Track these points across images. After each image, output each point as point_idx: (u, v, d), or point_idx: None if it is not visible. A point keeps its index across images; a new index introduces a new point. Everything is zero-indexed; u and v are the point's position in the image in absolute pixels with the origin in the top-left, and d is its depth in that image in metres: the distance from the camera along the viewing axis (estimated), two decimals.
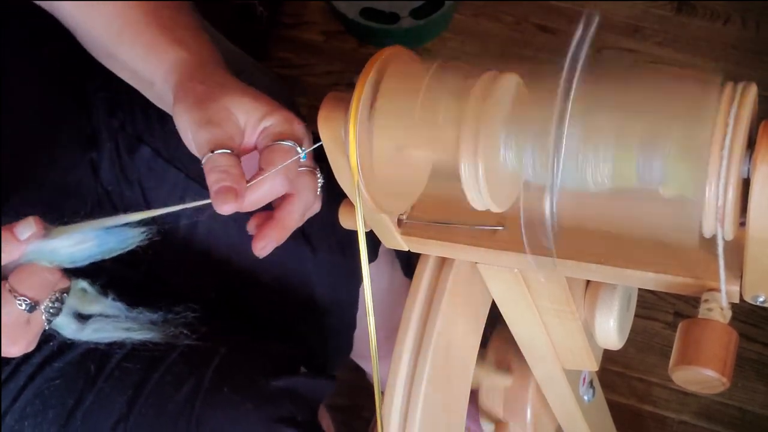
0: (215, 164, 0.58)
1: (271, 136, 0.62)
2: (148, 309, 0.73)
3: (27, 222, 0.58)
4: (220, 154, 0.58)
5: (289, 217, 0.62)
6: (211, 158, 0.58)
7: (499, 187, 0.53)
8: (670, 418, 1.36)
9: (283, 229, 0.62)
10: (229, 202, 0.56)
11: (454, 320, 0.68)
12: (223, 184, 0.57)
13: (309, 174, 0.63)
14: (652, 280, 0.53)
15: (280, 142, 0.61)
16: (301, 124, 0.63)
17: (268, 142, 0.61)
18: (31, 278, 0.58)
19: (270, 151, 0.60)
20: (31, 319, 0.59)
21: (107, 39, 0.71)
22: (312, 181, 0.63)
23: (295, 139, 0.61)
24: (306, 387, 0.82)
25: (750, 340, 1.39)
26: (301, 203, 0.62)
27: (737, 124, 0.44)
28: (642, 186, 0.50)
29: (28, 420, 0.76)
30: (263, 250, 0.61)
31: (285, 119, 0.62)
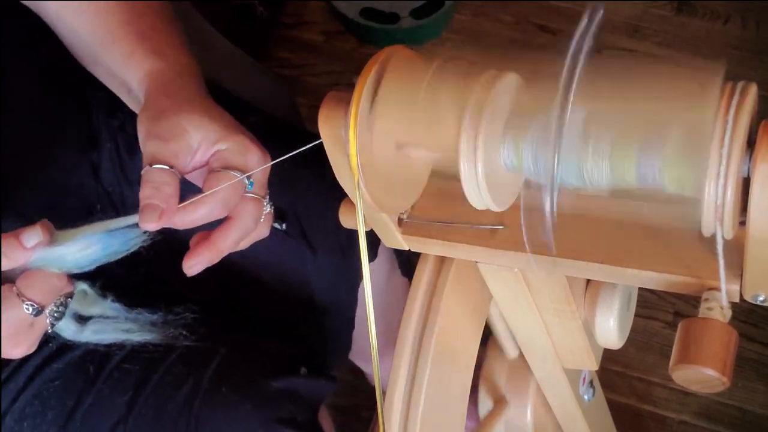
0: (149, 179, 0.59)
1: (221, 161, 0.62)
2: (148, 310, 0.73)
3: (34, 229, 0.58)
4: (158, 169, 0.59)
5: (223, 241, 0.62)
6: (148, 172, 0.59)
7: (499, 186, 0.53)
8: (670, 418, 1.36)
9: (216, 251, 0.62)
10: (153, 220, 0.58)
11: (454, 319, 0.68)
12: (149, 201, 0.58)
13: (253, 201, 0.64)
14: (652, 280, 0.53)
15: (227, 171, 0.61)
16: (256, 151, 0.63)
17: (217, 168, 0.62)
18: (40, 283, 0.58)
19: (214, 177, 0.61)
20: (35, 323, 0.59)
21: (90, 44, 0.72)
22: (255, 209, 0.64)
23: (244, 169, 0.62)
24: (306, 387, 0.82)
25: (750, 340, 1.39)
26: (237, 229, 0.63)
27: (737, 124, 0.44)
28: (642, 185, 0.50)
29: (27, 421, 0.76)
30: (191, 269, 0.62)
31: (240, 147, 0.63)
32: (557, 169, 0.48)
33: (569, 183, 0.52)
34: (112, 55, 0.70)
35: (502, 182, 0.53)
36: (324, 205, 0.86)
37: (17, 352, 0.59)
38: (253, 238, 0.66)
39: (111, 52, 0.70)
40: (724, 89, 0.46)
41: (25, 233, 0.57)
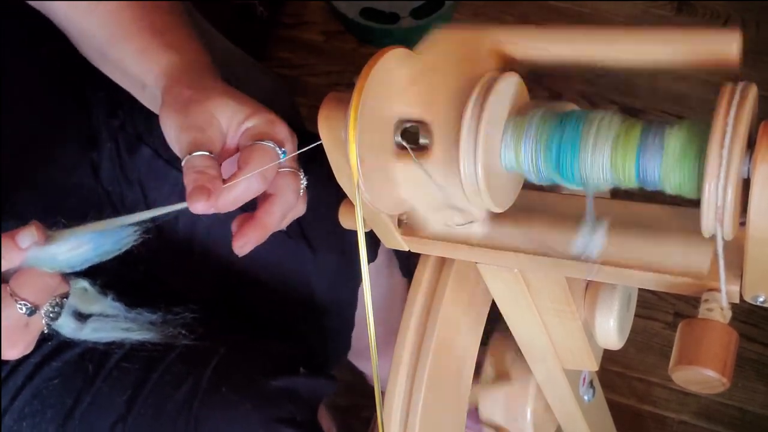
0: (192, 165, 0.59)
1: (251, 136, 0.62)
2: (148, 309, 0.73)
3: (28, 230, 0.58)
4: (198, 155, 0.59)
5: (269, 217, 0.62)
6: (189, 160, 0.59)
7: (499, 187, 0.53)
8: (670, 418, 1.36)
9: (263, 228, 0.62)
10: (201, 200, 0.57)
11: (454, 320, 0.68)
12: (197, 184, 0.58)
13: (291, 175, 0.63)
14: (652, 280, 0.53)
15: (259, 142, 0.61)
16: (284, 125, 0.64)
17: (248, 142, 0.62)
18: (32, 283, 0.58)
19: (248, 151, 0.61)
20: (31, 323, 0.59)
21: (101, 42, 0.72)
22: (294, 182, 0.64)
23: (275, 140, 0.62)
24: (306, 387, 0.82)
25: (750, 340, 1.39)
26: (281, 203, 0.63)
27: (737, 124, 0.44)
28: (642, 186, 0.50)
29: (26, 420, 0.76)
30: (242, 248, 0.61)
31: (266, 120, 0.63)
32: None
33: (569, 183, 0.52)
34: (124, 51, 0.70)
35: (502, 182, 0.53)
36: (324, 205, 0.86)
37: (14, 352, 0.59)
38: (295, 214, 0.66)
39: (124, 49, 0.71)
40: (724, 90, 0.46)
41: (21, 234, 0.57)
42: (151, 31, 0.70)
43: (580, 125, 0.50)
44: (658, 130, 0.48)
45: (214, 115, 0.62)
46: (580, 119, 0.50)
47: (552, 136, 0.50)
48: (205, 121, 0.62)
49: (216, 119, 0.63)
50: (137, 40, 0.70)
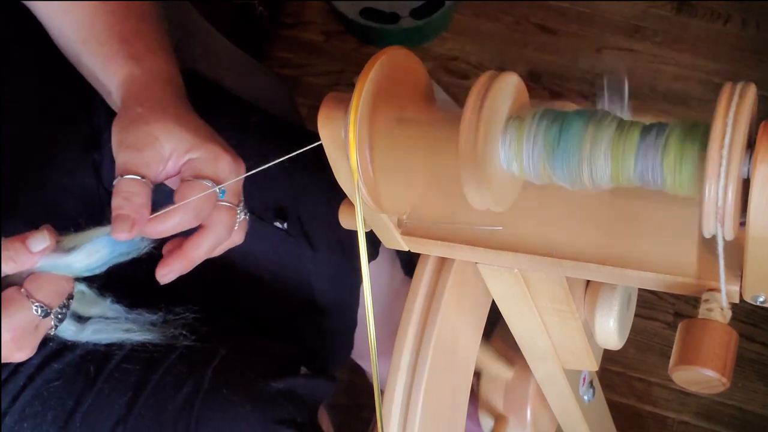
0: (120, 189, 0.59)
1: (192, 170, 0.62)
2: (148, 310, 0.73)
3: (41, 234, 0.58)
4: (129, 179, 0.60)
5: (196, 250, 0.63)
6: (120, 182, 0.60)
7: (499, 186, 0.53)
8: (670, 418, 1.36)
9: (187, 260, 0.62)
10: (124, 231, 0.58)
11: (454, 320, 0.68)
12: (120, 212, 0.58)
13: (226, 210, 0.64)
14: (652, 280, 0.53)
15: (197, 180, 0.61)
16: (227, 160, 0.64)
17: (189, 177, 0.62)
18: (48, 285, 0.59)
19: (186, 187, 0.61)
20: (40, 325, 0.59)
21: (75, 44, 0.72)
22: (227, 217, 0.64)
23: (215, 179, 0.62)
24: (306, 388, 0.82)
25: (750, 340, 1.39)
26: (210, 237, 0.63)
27: (736, 124, 0.44)
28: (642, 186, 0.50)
29: (27, 421, 0.76)
30: (164, 277, 0.62)
31: (211, 156, 0.63)
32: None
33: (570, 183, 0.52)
34: (94, 57, 0.71)
35: (502, 183, 0.53)
36: (325, 204, 0.86)
37: (20, 355, 0.59)
38: (227, 246, 0.66)
39: (93, 55, 0.71)
40: (724, 89, 0.46)
41: (32, 238, 0.58)
42: (120, 40, 0.70)
43: (580, 125, 0.50)
44: (658, 130, 0.48)
45: (158, 138, 0.62)
46: (580, 119, 0.50)
47: (552, 136, 0.50)
48: (147, 144, 0.62)
49: (159, 143, 0.62)
50: (105, 48, 0.70)
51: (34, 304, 0.57)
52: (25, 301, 0.57)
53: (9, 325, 0.56)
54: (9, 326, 0.57)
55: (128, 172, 0.60)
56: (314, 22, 1.77)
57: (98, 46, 0.70)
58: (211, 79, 1.00)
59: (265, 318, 0.90)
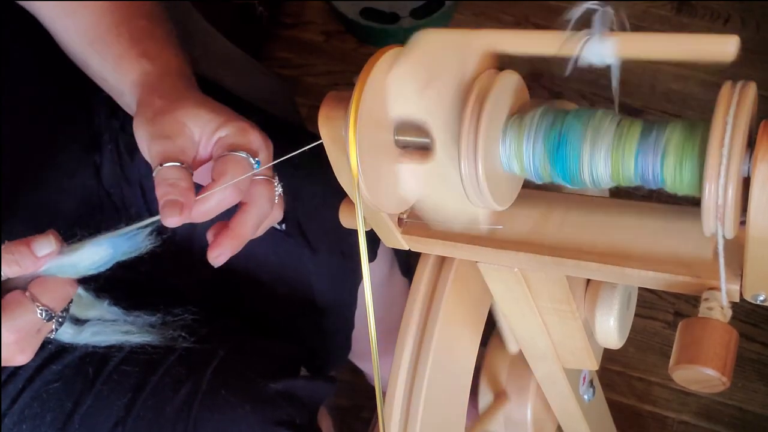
0: (163, 177, 0.59)
1: (224, 146, 0.62)
2: (146, 312, 0.73)
3: (46, 238, 0.58)
4: (170, 167, 0.59)
5: (243, 226, 0.62)
6: (161, 171, 0.59)
7: (499, 186, 0.53)
8: (670, 417, 1.36)
9: (238, 238, 0.62)
10: (174, 215, 0.57)
11: (455, 319, 0.68)
12: (169, 198, 0.58)
13: (265, 183, 0.63)
14: (652, 280, 0.53)
15: (232, 153, 0.61)
16: (257, 133, 0.64)
17: (222, 153, 0.62)
18: (53, 289, 0.59)
19: (221, 162, 0.61)
20: (42, 328, 0.59)
21: (81, 47, 0.72)
22: (267, 190, 0.64)
23: (248, 150, 0.62)
24: (305, 389, 0.82)
25: (750, 340, 1.39)
26: (255, 213, 0.63)
27: (737, 123, 0.44)
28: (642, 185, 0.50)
29: (26, 423, 0.76)
30: (217, 259, 0.62)
31: (239, 129, 0.63)
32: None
33: (569, 182, 0.52)
34: (103, 58, 0.71)
35: (502, 182, 0.53)
36: (324, 205, 0.86)
37: (22, 358, 0.59)
38: (270, 222, 0.66)
39: (102, 56, 0.71)
40: (724, 89, 0.46)
41: (38, 242, 0.57)
42: (129, 39, 0.70)
43: (580, 125, 0.50)
44: (658, 129, 0.48)
45: (185, 125, 0.62)
46: (580, 119, 0.50)
47: (552, 135, 0.50)
48: (176, 131, 0.62)
49: (188, 128, 0.62)
50: (115, 48, 0.70)
51: (38, 308, 0.57)
52: (29, 305, 0.57)
53: (13, 328, 0.56)
54: (13, 328, 0.56)
55: (166, 161, 0.60)
56: (314, 22, 1.77)
57: (107, 46, 0.70)
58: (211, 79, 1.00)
59: (265, 318, 0.90)
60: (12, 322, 0.56)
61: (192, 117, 0.63)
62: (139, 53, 0.69)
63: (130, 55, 0.69)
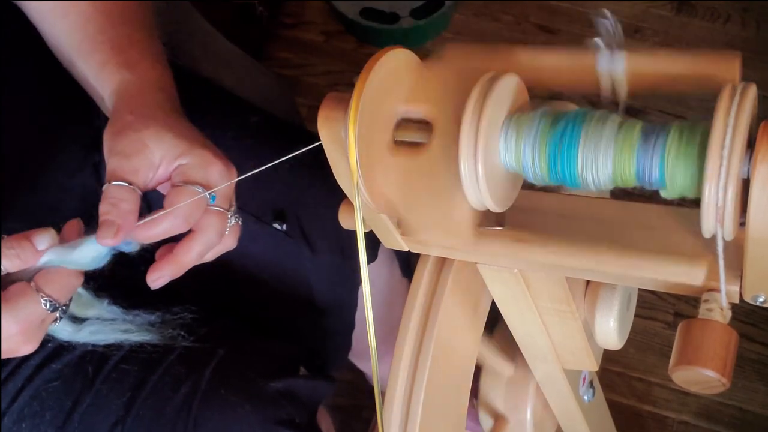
0: (107, 195, 0.60)
1: (182, 175, 0.63)
2: (146, 311, 0.73)
3: (46, 231, 0.58)
4: (117, 186, 0.60)
5: (186, 255, 0.63)
6: (107, 189, 0.60)
7: (499, 186, 0.53)
8: (670, 418, 1.36)
9: (178, 264, 0.62)
10: (109, 236, 0.59)
11: (454, 320, 0.68)
12: (106, 218, 0.59)
13: (216, 214, 0.64)
14: (652, 280, 0.53)
15: (188, 186, 0.62)
16: (218, 164, 0.64)
17: (179, 182, 0.62)
18: (59, 280, 0.59)
19: (175, 192, 0.61)
20: (46, 319, 0.59)
21: (69, 49, 0.72)
22: (218, 222, 0.64)
23: (204, 184, 0.62)
24: (305, 388, 0.82)
25: (750, 340, 1.39)
26: (201, 242, 0.63)
27: (737, 124, 0.44)
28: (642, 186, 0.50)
29: (25, 421, 0.76)
30: (155, 282, 0.62)
31: (201, 161, 0.63)
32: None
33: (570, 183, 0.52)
34: (87, 63, 0.71)
35: (502, 182, 0.53)
36: (324, 205, 0.86)
37: (27, 348, 0.59)
38: (219, 251, 0.66)
39: (86, 61, 0.71)
40: (724, 90, 0.46)
41: (38, 235, 0.58)
42: (112, 47, 0.70)
43: (580, 125, 0.50)
44: (658, 130, 0.48)
45: (147, 145, 0.63)
46: (580, 119, 0.50)
47: (552, 135, 0.50)
48: (135, 150, 0.62)
49: (149, 150, 0.63)
50: (98, 54, 0.70)
51: (43, 298, 0.58)
52: (34, 295, 0.58)
53: (18, 318, 0.57)
54: (18, 319, 0.57)
55: (116, 179, 0.61)
56: (314, 22, 1.77)
57: (91, 52, 0.70)
58: (211, 79, 1.00)
59: (264, 318, 0.90)
60: (17, 312, 0.57)
61: (157, 139, 0.63)
62: (121, 62, 0.69)
63: (111, 62, 0.69)
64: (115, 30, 0.71)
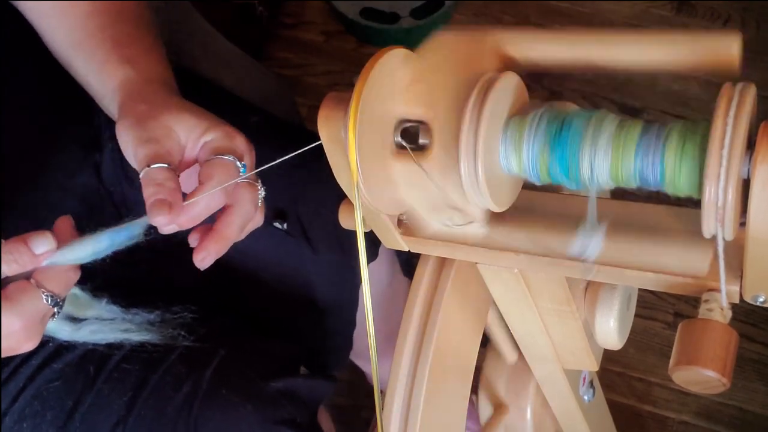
0: (151, 178, 0.59)
1: (210, 150, 0.63)
2: (145, 310, 0.73)
3: (44, 235, 0.58)
4: (157, 168, 0.60)
5: (228, 228, 0.62)
6: (148, 172, 0.60)
7: (499, 187, 0.53)
8: (670, 418, 1.36)
9: (224, 240, 0.62)
10: (163, 214, 0.58)
11: (455, 320, 0.68)
12: (158, 197, 0.58)
13: (248, 186, 0.64)
14: (652, 280, 0.53)
15: (219, 157, 0.62)
16: (242, 138, 0.64)
17: (208, 156, 0.62)
18: (58, 275, 0.59)
19: (208, 166, 0.61)
20: (46, 314, 0.59)
21: (66, 49, 0.72)
22: (251, 194, 0.64)
23: (234, 154, 0.62)
24: (305, 388, 0.82)
25: (750, 340, 1.39)
26: (239, 215, 0.63)
27: (736, 124, 0.44)
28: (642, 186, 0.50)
29: (27, 421, 0.76)
30: (203, 261, 0.62)
31: (225, 134, 0.63)
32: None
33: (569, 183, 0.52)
34: (87, 62, 0.71)
35: (502, 183, 0.53)
36: (324, 204, 0.86)
37: (27, 345, 0.59)
38: (254, 225, 0.66)
39: (86, 59, 0.71)
40: (724, 89, 0.46)
41: (35, 240, 0.57)
42: (112, 44, 0.70)
43: (580, 125, 0.50)
44: (658, 130, 0.48)
45: (171, 128, 0.63)
46: (580, 119, 0.50)
47: (552, 136, 0.50)
48: (163, 134, 0.62)
49: (174, 132, 0.63)
50: (100, 52, 0.70)
51: (44, 294, 0.58)
52: (36, 291, 0.58)
53: (21, 314, 0.57)
54: (21, 315, 0.57)
55: (154, 162, 0.60)
56: (314, 22, 1.77)
57: (92, 50, 0.70)
58: (211, 79, 1.00)
59: (265, 318, 0.90)
60: (19, 308, 0.57)
61: (177, 121, 0.63)
62: (122, 58, 0.69)
63: (113, 59, 0.69)
64: (114, 27, 0.71)
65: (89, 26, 0.71)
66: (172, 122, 0.63)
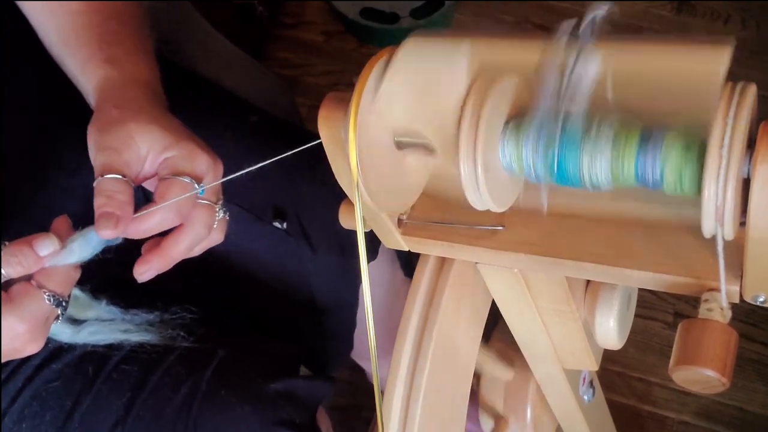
0: (102, 188, 0.60)
1: (169, 167, 0.63)
2: (144, 310, 0.72)
3: (48, 237, 0.58)
4: (110, 179, 0.60)
5: (175, 248, 0.63)
6: (101, 182, 0.60)
7: (499, 187, 0.53)
8: (670, 418, 1.36)
9: (166, 258, 0.62)
10: (109, 227, 0.58)
11: (454, 320, 0.68)
12: (104, 210, 0.59)
13: (204, 208, 0.64)
14: (652, 280, 0.53)
15: (176, 178, 0.62)
16: (204, 156, 0.64)
17: (167, 175, 0.62)
18: (59, 275, 0.59)
19: (165, 185, 0.61)
20: (50, 315, 0.59)
21: (56, 47, 0.72)
22: (206, 216, 0.64)
23: (193, 175, 0.62)
24: (305, 389, 0.82)
25: (750, 340, 1.39)
26: (189, 236, 0.63)
27: (736, 124, 0.44)
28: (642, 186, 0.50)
29: (25, 422, 0.76)
30: (142, 275, 0.62)
31: (188, 153, 0.63)
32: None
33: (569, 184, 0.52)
34: (73, 59, 0.71)
35: (502, 183, 0.53)
36: (324, 204, 0.86)
37: (32, 348, 0.59)
38: (207, 245, 0.66)
39: (72, 57, 0.71)
40: (724, 89, 0.46)
41: (40, 242, 0.58)
42: (98, 43, 0.70)
43: (580, 125, 0.50)
44: (658, 130, 0.48)
45: (134, 139, 0.63)
46: (580, 119, 0.50)
47: (552, 136, 0.50)
48: (123, 144, 0.62)
49: (135, 143, 0.63)
50: (84, 50, 0.70)
51: (45, 294, 0.58)
52: (38, 293, 0.58)
53: (24, 317, 0.57)
54: (24, 317, 0.57)
55: (108, 172, 0.61)
56: (314, 22, 1.77)
57: (77, 48, 0.70)
58: (211, 79, 1.00)
59: (265, 318, 0.90)
60: (23, 311, 0.57)
61: (143, 132, 0.63)
62: (105, 58, 0.69)
63: (96, 58, 0.69)
64: (102, 26, 0.71)
65: (76, 25, 0.71)
66: (137, 132, 0.63)
